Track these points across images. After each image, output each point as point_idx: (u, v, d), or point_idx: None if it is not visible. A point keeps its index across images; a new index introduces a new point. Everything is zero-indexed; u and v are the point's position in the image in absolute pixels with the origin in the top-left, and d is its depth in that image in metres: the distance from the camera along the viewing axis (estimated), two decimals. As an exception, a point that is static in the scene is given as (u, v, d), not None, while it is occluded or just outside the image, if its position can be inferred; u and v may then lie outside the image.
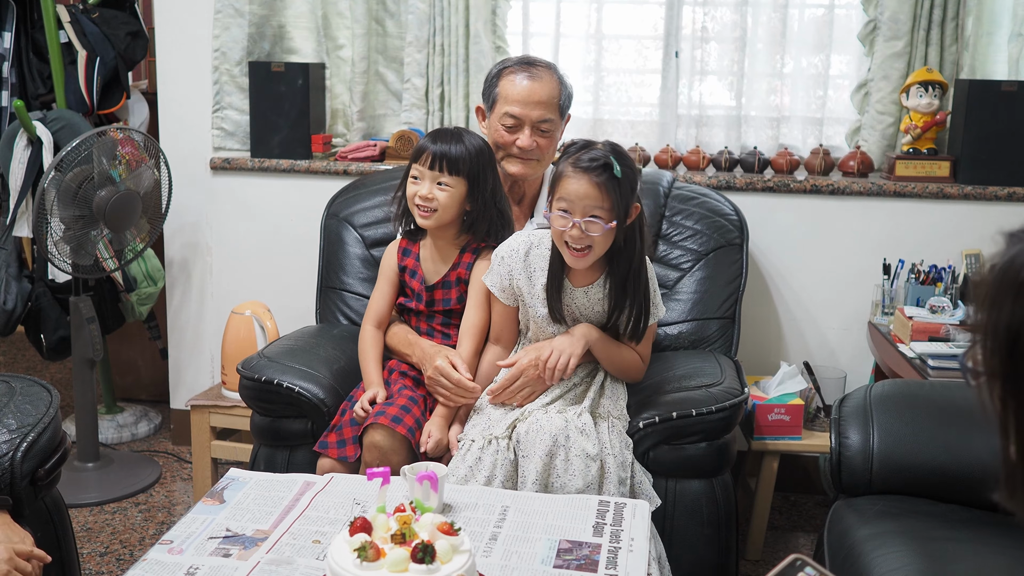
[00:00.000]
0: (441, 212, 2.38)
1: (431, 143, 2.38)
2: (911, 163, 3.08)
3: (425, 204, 2.37)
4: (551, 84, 2.53)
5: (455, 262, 2.45)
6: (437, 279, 2.46)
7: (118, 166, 3.13)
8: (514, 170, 2.55)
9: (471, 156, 2.37)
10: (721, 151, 3.26)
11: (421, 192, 2.36)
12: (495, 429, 2.23)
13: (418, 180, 2.38)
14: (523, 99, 2.50)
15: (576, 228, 2.13)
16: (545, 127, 2.52)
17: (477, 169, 2.38)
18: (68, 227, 3.07)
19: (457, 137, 2.38)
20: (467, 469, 2.17)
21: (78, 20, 3.47)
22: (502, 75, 2.55)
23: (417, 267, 2.47)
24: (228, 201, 3.45)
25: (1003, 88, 3.00)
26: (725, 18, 3.31)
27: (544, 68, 2.56)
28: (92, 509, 3.13)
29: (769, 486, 2.86)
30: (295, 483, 2.07)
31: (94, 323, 3.22)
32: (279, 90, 3.32)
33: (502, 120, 2.52)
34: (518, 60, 2.60)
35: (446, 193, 2.36)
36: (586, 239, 2.15)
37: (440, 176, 2.36)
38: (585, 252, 2.17)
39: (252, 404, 2.50)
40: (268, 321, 3.10)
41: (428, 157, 2.36)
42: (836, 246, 3.13)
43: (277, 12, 3.45)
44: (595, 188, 2.12)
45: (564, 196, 2.15)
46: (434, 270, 2.47)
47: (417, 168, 2.38)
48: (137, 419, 3.75)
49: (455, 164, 2.35)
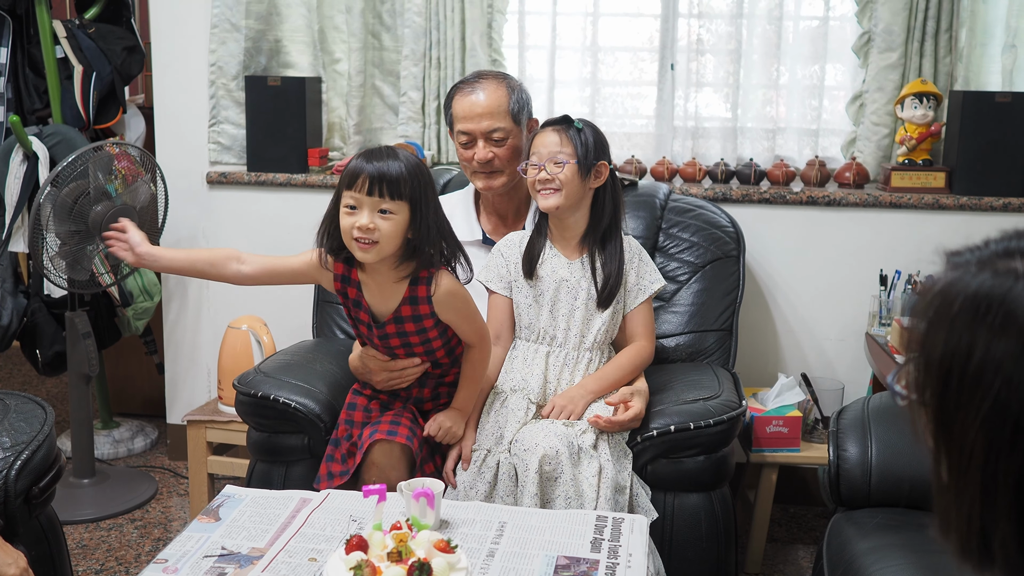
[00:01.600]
0: (383, 244, 2.07)
1: (366, 163, 2.07)
2: (906, 174, 3.09)
3: (365, 236, 2.06)
4: (496, 93, 2.54)
5: (405, 296, 2.17)
6: (388, 315, 2.20)
7: (114, 180, 3.13)
8: (480, 185, 2.57)
9: (411, 174, 2.08)
10: (717, 163, 3.26)
11: (360, 223, 2.05)
12: (497, 444, 2.24)
13: (355, 210, 2.07)
14: (468, 114, 2.53)
15: (542, 170, 2.32)
16: (496, 136, 2.52)
17: (419, 190, 2.09)
18: (64, 242, 3.07)
19: (392, 154, 2.11)
20: (471, 478, 2.19)
21: (74, 35, 3.47)
22: (453, 97, 2.59)
23: (360, 298, 2.21)
24: (225, 215, 3.45)
25: (997, 99, 3.00)
26: (720, 30, 3.31)
27: (490, 79, 2.57)
28: (88, 526, 3.12)
29: (768, 498, 2.86)
30: (291, 500, 2.06)
31: (90, 338, 3.21)
32: (276, 104, 3.32)
33: (458, 139, 2.56)
34: (465, 78, 2.63)
35: (389, 222, 2.06)
36: (552, 181, 2.32)
37: (381, 202, 2.05)
38: (551, 191, 2.33)
39: (248, 420, 2.50)
40: (265, 335, 3.10)
41: (365, 181, 2.05)
42: (832, 257, 3.13)
43: (273, 27, 3.45)
44: (556, 135, 2.34)
45: (533, 148, 2.37)
46: (382, 304, 2.20)
47: (352, 196, 2.07)
48: (133, 434, 3.74)
49: (396, 186, 2.05)
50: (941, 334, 0.80)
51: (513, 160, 2.53)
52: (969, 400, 0.77)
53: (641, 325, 2.43)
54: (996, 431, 0.76)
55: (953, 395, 0.79)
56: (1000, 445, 0.76)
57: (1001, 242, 0.81)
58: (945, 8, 3.11)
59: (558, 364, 2.37)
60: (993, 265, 0.79)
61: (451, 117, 2.58)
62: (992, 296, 0.77)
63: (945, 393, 0.80)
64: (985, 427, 0.76)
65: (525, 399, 2.32)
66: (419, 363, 2.28)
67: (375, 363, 2.30)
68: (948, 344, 0.79)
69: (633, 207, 2.89)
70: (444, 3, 3.33)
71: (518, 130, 2.57)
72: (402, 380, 2.31)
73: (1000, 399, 0.75)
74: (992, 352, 0.76)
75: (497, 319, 2.43)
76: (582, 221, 2.39)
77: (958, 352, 0.78)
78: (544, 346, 2.39)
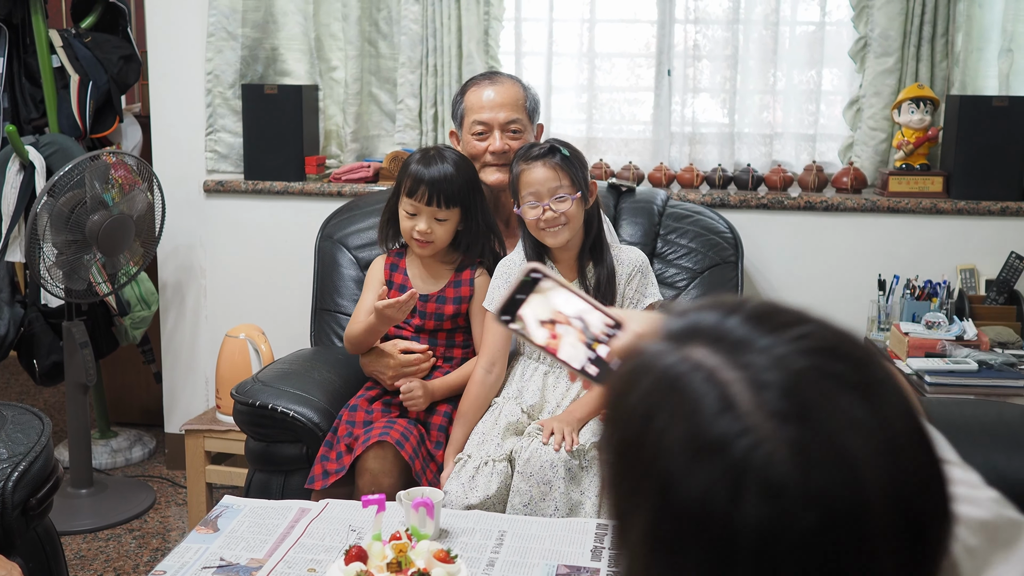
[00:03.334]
0: (437, 243, 2.41)
1: (424, 170, 2.36)
2: (904, 179, 3.09)
3: (424, 239, 2.38)
4: (513, 88, 2.58)
5: (452, 280, 2.46)
6: (433, 291, 2.46)
7: (111, 189, 3.13)
8: (492, 179, 2.55)
9: (464, 180, 2.38)
10: (715, 168, 3.26)
11: (419, 228, 2.37)
12: (492, 451, 2.22)
13: (414, 216, 2.38)
14: (487, 104, 2.54)
15: (547, 210, 2.26)
16: (514, 127, 2.54)
17: (469, 195, 2.39)
18: (61, 252, 3.06)
19: (442, 158, 2.38)
20: (460, 487, 2.16)
21: (70, 44, 3.47)
22: (465, 91, 2.61)
23: (406, 281, 2.47)
24: (222, 224, 3.44)
25: (994, 103, 3.00)
26: (717, 36, 3.32)
27: (505, 76, 2.63)
28: (86, 536, 3.11)
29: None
30: (290, 510, 2.05)
31: (87, 348, 3.21)
32: (272, 112, 3.32)
33: (472, 130, 2.55)
34: (479, 75, 2.66)
35: (444, 227, 2.38)
36: (559, 217, 2.27)
37: (438, 212, 2.36)
38: (559, 227, 2.28)
39: (246, 429, 2.49)
40: (263, 344, 3.09)
41: (425, 193, 2.34)
42: (831, 263, 3.13)
43: (270, 35, 3.45)
44: (551, 170, 2.27)
45: (527, 188, 2.29)
46: (426, 286, 2.47)
47: (412, 204, 2.37)
48: (131, 444, 3.73)
49: (452, 197, 2.35)
50: (616, 430, 0.71)
51: None
52: (634, 511, 0.68)
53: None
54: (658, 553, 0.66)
55: (625, 500, 0.69)
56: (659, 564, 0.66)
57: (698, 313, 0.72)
58: (941, 12, 3.11)
59: (555, 381, 2.36)
60: (678, 350, 0.69)
61: (463, 110, 2.59)
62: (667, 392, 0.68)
63: (619, 498, 0.70)
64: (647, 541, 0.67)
65: (518, 407, 2.31)
66: (428, 352, 2.43)
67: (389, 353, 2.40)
68: (621, 444, 0.70)
69: (631, 213, 2.89)
70: (440, 10, 3.33)
71: (531, 128, 2.59)
72: (414, 371, 2.39)
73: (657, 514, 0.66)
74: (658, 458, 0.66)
75: (494, 344, 2.37)
76: (578, 238, 2.35)
77: (626, 453, 0.69)
78: (544, 365, 2.38)
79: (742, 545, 0.62)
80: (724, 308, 0.71)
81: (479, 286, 2.45)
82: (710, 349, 0.68)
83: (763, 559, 0.62)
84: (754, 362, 0.66)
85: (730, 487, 0.62)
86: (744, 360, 0.66)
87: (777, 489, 0.62)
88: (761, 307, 0.71)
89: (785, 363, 0.66)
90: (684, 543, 0.64)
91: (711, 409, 0.65)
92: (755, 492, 0.62)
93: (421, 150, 2.49)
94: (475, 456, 2.21)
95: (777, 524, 0.62)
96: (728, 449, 0.63)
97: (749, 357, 0.66)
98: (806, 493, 0.62)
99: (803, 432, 0.63)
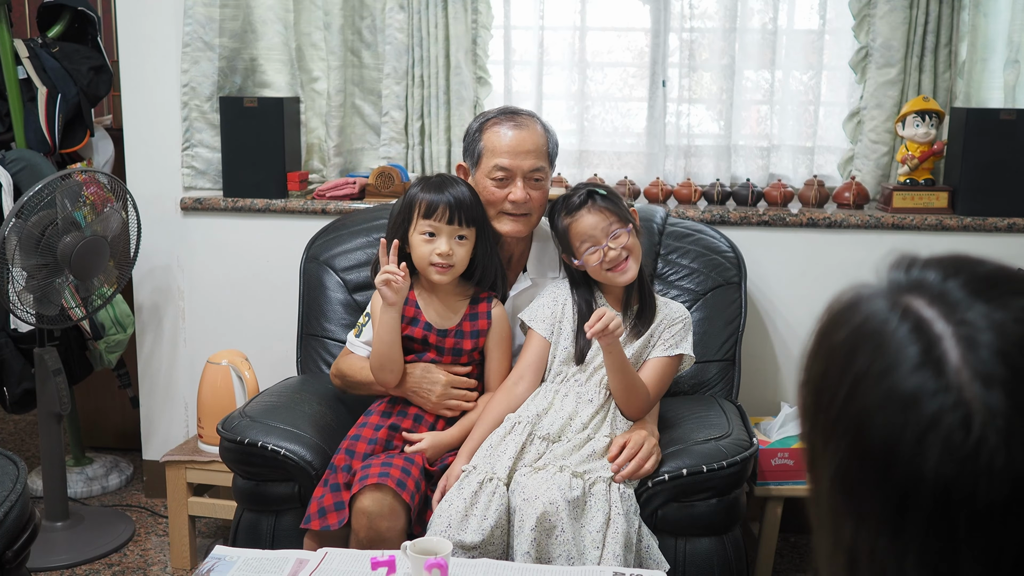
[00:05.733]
0: (457, 267, 2.29)
1: (438, 194, 2.26)
2: (908, 194, 3.00)
3: (444, 262, 2.26)
4: (538, 131, 2.41)
5: (467, 312, 2.36)
6: (451, 327, 2.35)
7: (83, 207, 2.97)
8: (507, 229, 2.39)
9: (477, 201, 2.31)
10: (713, 183, 3.16)
11: (440, 249, 2.25)
12: (498, 468, 2.13)
13: (434, 237, 2.26)
14: (512, 149, 2.36)
15: (609, 250, 2.25)
16: (538, 176, 2.38)
17: (482, 214, 2.33)
18: (31, 276, 2.91)
19: (454, 182, 2.32)
20: (464, 503, 2.06)
21: (37, 55, 3.31)
22: (485, 128, 2.41)
23: (419, 315, 2.34)
24: (200, 243, 3.30)
25: (1001, 117, 2.92)
26: (713, 45, 3.22)
27: (528, 116, 2.44)
28: (63, 573, 2.95)
29: (773, 534, 2.77)
30: (286, 561, 1.93)
31: (61, 375, 3.05)
32: (252, 126, 3.17)
33: (491, 174, 2.37)
34: (499, 111, 2.46)
35: (463, 247, 2.29)
36: (620, 252, 2.26)
37: (459, 230, 2.27)
38: (625, 263, 2.28)
39: (234, 467, 2.36)
40: (246, 371, 2.96)
41: (445, 211, 2.25)
42: (834, 280, 2.99)
43: (249, 45, 3.30)
44: (598, 212, 2.28)
45: (581, 238, 2.28)
46: (441, 321, 2.35)
47: (431, 224, 2.26)
48: (108, 470, 3.58)
49: (470, 212, 2.27)
50: (819, 364, 0.71)
51: (544, 204, 2.43)
52: (825, 446, 0.69)
53: (655, 372, 2.32)
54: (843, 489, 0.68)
55: (819, 434, 0.70)
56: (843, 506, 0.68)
57: (922, 270, 0.70)
58: (945, 22, 3.03)
59: (571, 398, 2.28)
60: (894, 296, 0.69)
61: (481, 150, 2.40)
62: (873, 335, 0.67)
63: (812, 430, 0.71)
64: (834, 482, 0.68)
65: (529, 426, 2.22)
66: (476, 387, 2.37)
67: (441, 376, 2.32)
68: (821, 379, 0.70)
69: (631, 233, 2.78)
70: (427, 19, 3.20)
71: (551, 174, 2.46)
72: (457, 404, 2.33)
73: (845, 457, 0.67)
74: (850, 403, 0.67)
75: (529, 359, 2.34)
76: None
77: (825, 391, 0.69)
78: (564, 387, 2.32)
79: (921, 501, 0.62)
80: (949, 267, 0.69)
81: (497, 317, 2.37)
82: (927, 302, 0.67)
83: (940, 518, 0.62)
84: (971, 320, 0.65)
85: (918, 442, 0.62)
86: (960, 317, 0.65)
87: (969, 454, 0.61)
88: (989, 271, 0.69)
89: (1004, 328, 0.64)
90: (866, 485, 0.65)
91: (912, 360, 0.64)
92: (944, 451, 0.61)
93: (422, 178, 2.37)
94: (480, 469, 2.13)
95: (964, 488, 0.61)
96: (920, 404, 0.63)
97: (967, 315, 0.65)
98: (1003, 464, 0.60)
99: (1009, 400, 0.62)
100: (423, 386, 2.32)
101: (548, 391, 2.31)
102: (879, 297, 0.69)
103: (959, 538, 0.62)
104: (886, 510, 0.64)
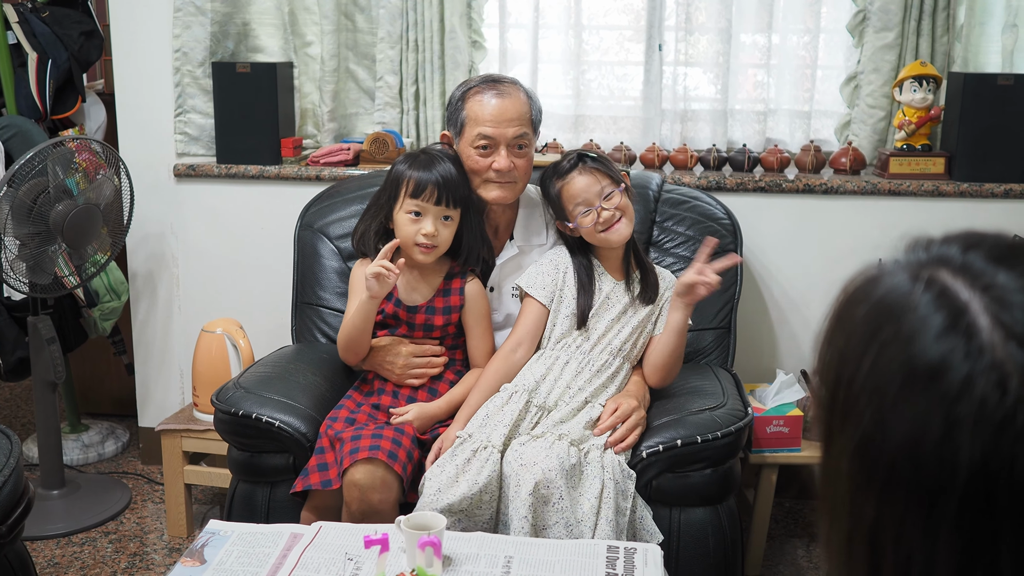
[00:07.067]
0: (441, 247, 2.30)
1: (425, 172, 2.26)
2: (905, 160, 2.98)
3: (429, 242, 2.27)
4: (521, 99, 2.39)
5: (440, 288, 2.37)
6: (421, 302, 2.36)
7: (75, 174, 2.95)
8: (493, 195, 2.38)
9: (464, 180, 2.31)
10: (709, 149, 3.14)
11: (426, 230, 2.26)
12: (493, 437, 2.13)
13: (420, 217, 2.27)
14: (495, 117, 2.34)
15: (602, 211, 2.27)
16: (522, 143, 2.37)
17: (468, 192, 2.33)
18: (24, 244, 2.89)
19: (442, 158, 2.30)
20: (455, 468, 2.08)
21: (27, 20, 3.26)
22: (467, 96, 2.39)
23: (393, 290, 2.35)
24: (194, 210, 3.28)
25: (999, 82, 2.90)
26: (710, 7, 3.18)
27: (511, 84, 2.42)
28: (59, 541, 2.97)
29: (768, 501, 2.78)
30: (281, 535, 1.94)
31: (55, 344, 3.05)
32: (245, 91, 3.14)
33: (474, 143, 2.35)
34: (481, 79, 2.44)
35: (449, 228, 2.29)
36: (614, 213, 2.28)
37: (446, 210, 2.27)
38: (618, 222, 2.29)
39: (229, 439, 2.37)
40: (241, 339, 2.95)
41: (434, 192, 2.25)
42: (831, 247, 3.03)
43: (241, 9, 3.26)
44: (589, 174, 2.30)
45: (574, 200, 2.30)
46: (413, 294, 2.37)
47: (418, 204, 2.26)
48: (103, 437, 3.59)
49: (457, 192, 2.27)
50: (840, 338, 0.69)
51: (529, 171, 2.41)
52: (845, 420, 0.66)
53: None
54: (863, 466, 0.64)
55: (838, 409, 0.67)
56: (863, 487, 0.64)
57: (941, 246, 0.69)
58: (943, -15, 2.99)
59: (572, 364, 2.29)
60: (916, 271, 0.67)
61: (464, 119, 2.38)
62: (896, 305, 0.66)
63: (831, 407, 0.69)
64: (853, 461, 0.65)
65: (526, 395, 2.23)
66: (442, 353, 2.37)
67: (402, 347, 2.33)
68: (842, 354, 0.68)
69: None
70: (421, -18, 3.16)
71: (535, 140, 2.45)
72: (422, 372, 2.34)
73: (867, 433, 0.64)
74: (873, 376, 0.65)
75: (525, 326, 2.34)
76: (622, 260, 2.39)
77: (846, 365, 0.67)
78: (565, 354, 2.31)
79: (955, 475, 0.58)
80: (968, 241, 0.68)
81: (471, 294, 2.38)
82: (950, 272, 0.65)
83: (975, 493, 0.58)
84: (1000, 283, 0.63)
85: (949, 410, 0.59)
86: (986, 283, 0.63)
87: (1007, 416, 0.57)
88: (1009, 242, 0.68)
89: None
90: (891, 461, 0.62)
91: (939, 326, 0.62)
92: (979, 417, 0.58)
93: (411, 153, 2.36)
94: (476, 437, 2.14)
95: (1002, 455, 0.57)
96: (951, 370, 0.60)
97: (994, 280, 0.63)
98: None
99: None
100: (386, 358, 2.36)
101: (548, 357, 2.32)
102: (900, 271, 0.68)
103: (998, 513, 0.57)
104: (913, 487, 0.60)
